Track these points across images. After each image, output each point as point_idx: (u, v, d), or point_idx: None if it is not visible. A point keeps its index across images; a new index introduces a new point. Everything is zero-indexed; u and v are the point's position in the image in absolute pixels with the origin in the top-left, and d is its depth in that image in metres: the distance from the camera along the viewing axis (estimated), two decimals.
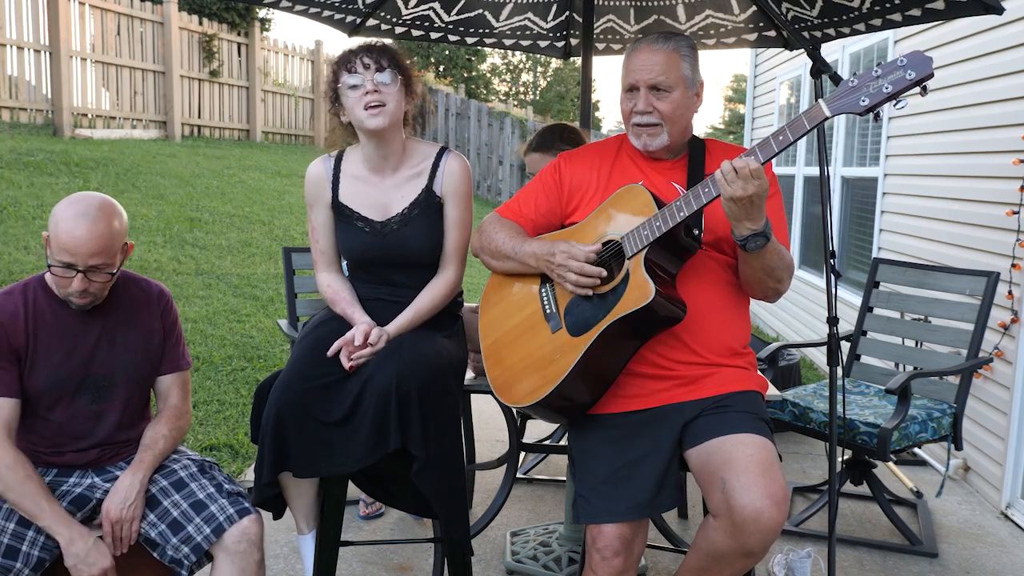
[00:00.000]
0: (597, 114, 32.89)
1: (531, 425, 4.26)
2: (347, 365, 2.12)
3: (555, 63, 28.51)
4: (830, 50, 5.79)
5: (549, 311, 2.08)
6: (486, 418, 4.46)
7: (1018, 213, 3.51)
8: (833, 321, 2.37)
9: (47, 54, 9.07)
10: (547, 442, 3.91)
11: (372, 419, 2.05)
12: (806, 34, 3.33)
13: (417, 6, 3.59)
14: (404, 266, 2.32)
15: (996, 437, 3.68)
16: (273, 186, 9.67)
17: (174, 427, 2.16)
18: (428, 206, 2.30)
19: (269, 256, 7.27)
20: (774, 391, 2.49)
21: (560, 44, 3.98)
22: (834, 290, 2.31)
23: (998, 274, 3.33)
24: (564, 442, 3.60)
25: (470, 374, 2.55)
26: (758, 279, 2.05)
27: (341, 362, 2.13)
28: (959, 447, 3.24)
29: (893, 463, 4.01)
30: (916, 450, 4.25)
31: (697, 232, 2.01)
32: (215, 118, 11.80)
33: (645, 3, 3.63)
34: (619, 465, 2.00)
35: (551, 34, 3.91)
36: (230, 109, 12.10)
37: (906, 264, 3.74)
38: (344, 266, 2.46)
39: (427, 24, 3.71)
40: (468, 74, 21.93)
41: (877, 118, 1.85)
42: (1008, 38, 3.70)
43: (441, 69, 20.66)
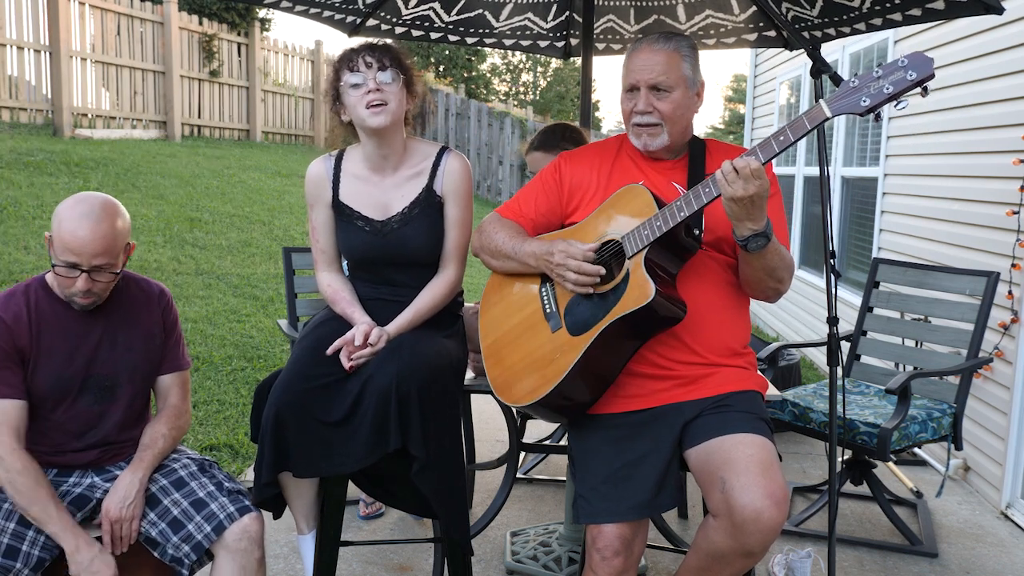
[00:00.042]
0: (597, 114, 32.89)
1: (531, 425, 4.26)
2: (347, 365, 2.12)
3: (555, 63, 28.52)
4: (830, 50, 5.79)
5: (549, 310, 2.08)
6: (486, 418, 4.46)
7: (1018, 213, 3.51)
8: (833, 321, 2.37)
9: (47, 54, 9.07)
10: (547, 442, 3.91)
11: (372, 419, 2.04)
12: (806, 34, 3.33)
13: (417, 6, 3.59)
14: (404, 265, 2.32)
15: (996, 437, 3.68)
16: (273, 186, 9.67)
17: (174, 426, 2.16)
18: (428, 205, 2.30)
19: (269, 256, 7.27)
20: (774, 391, 2.49)
21: (560, 44, 3.98)
22: (834, 290, 2.31)
23: (998, 274, 3.33)
24: (564, 442, 3.60)
25: (470, 374, 2.55)
26: (758, 279, 2.05)
27: (341, 362, 2.13)
28: (959, 447, 3.24)
29: (893, 463, 4.01)
30: (916, 450, 4.25)
31: (698, 232, 2.01)
32: (215, 118, 11.80)
33: (645, 3, 3.63)
34: (619, 465, 2.00)
35: (551, 34, 3.91)
36: (230, 109, 12.10)
37: (906, 264, 3.74)
38: (344, 266, 2.46)
39: (427, 24, 3.71)
40: (468, 74, 21.93)
41: (878, 119, 1.85)
42: (1008, 38, 3.70)
43: (441, 69, 20.67)
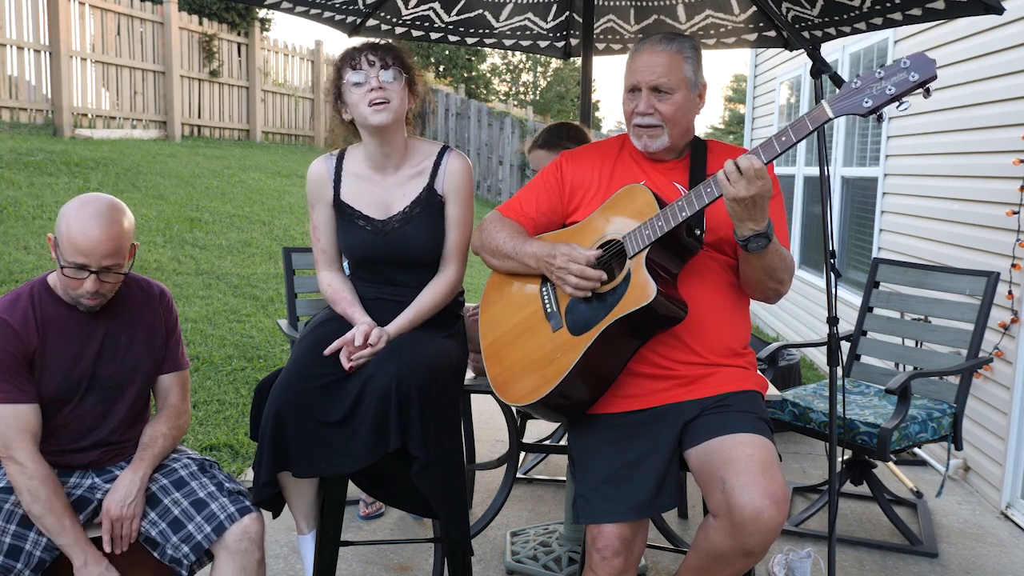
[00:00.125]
0: (597, 114, 32.89)
1: (531, 425, 4.26)
2: (347, 365, 2.11)
3: (555, 63, 28.52)
4: (830, 50, 5.79)
5: (550, 310, 2.08)
6: (486, 418, 4.46)
7: (1018, 213, 3.51)
8: (833, 321, 2.37)
9: (47, 54, 9.06)
10: (547, 442, 3.91)
11: (372, 419, 2.04)
12: (806, 34, 3.33)
13: (417, 6, 3.59)
14: (405, 265, 2.32)
15: (996, 437, 3.68)
16: (273, 186, 9.67)
17: (173, 426, 2.16)
18: (429, 205, 2.30)
19: (269, 256, 7.27)
20: (774, 391, 2.49)
21: (560, 44, 3.98)
22: (834, 290, 2.32)
23: (998, 274, 3.33)
24: (564, 442, 3.60)
25: (470, 374, 2.55)
26: (759, 279, 2.05)
27: (341, 362, 2.13)
28: (959, 447, 3.24)
29: (893, 463, 4.01)
30: (916, 450, 4.25)
31: (699, 232, 2.00)
32: (215, 118, 11.80)
33: (645, 3, 3.63)
34: (619, 465, 2.00)
35: (551, 34, 3.91)
36: (230, 109, 12.10)
37: (906, 264, 3.74)
38: (345, 265, 2.46)
39: (427, 24, 3.71)
40: (468, 74, 21.93)
41: (880, 120, 1.85)
42: (1008, 38, 3.70)
43: (441, 69, 20.67)
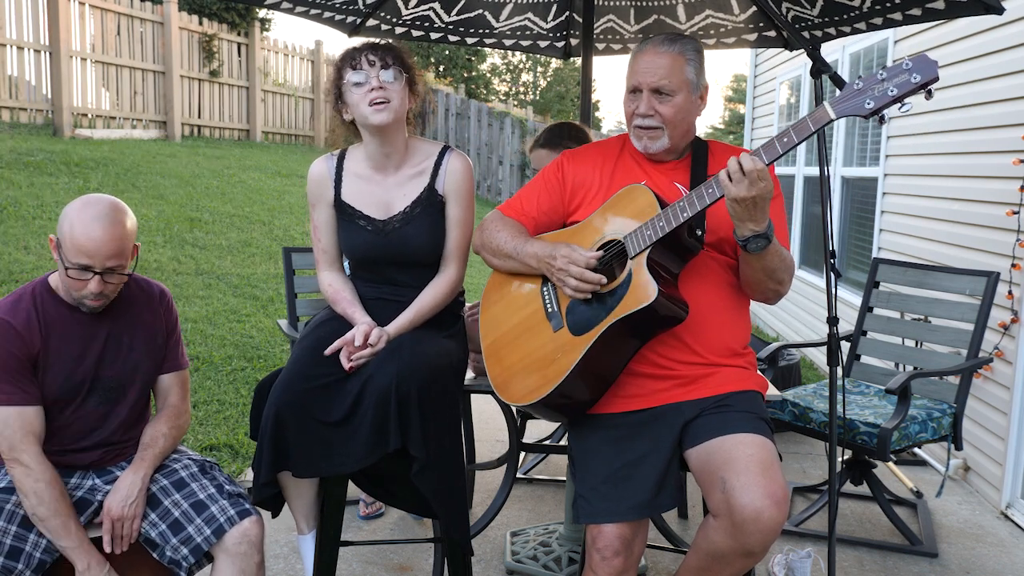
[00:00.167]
0: (597, 114, 32.88)
1: (531, 425, 4.26)
2: (347, 365, 2.11)
3: (555, 63, 28.52)
4: (830, 50, 5.78)
5: (551, 310, 2.08)
6: (486, 418, 4.46)
7: (1018, 213, 3.52)
8: (833, 321, 2.37)
9: (47, 54, 9.06)
10: (547, 442, 3.91)
11: (372, 419, 2.04)
12: (806, 34, 3.33)
13: (417, 6, 3.59)
14: (406, 265, 2.32)
15: (996, 437, 3.68)
16: (273, 186, 9.67)
17: (174, 426, 2.17)
18: (430, 205, 2.30)
19: (269, 256, 7.27)
20: (774, 391, 2.49)
21: (560, 44, 3.98)
22: (834, 290, 2.32)
23: (998, 274, 3.33)
24: (564, 442, 3.60)
25: (470, 374, 2.55)
26: (758, 280, 2.05)
27: (341, 362, 2.13)
28: (959, 447, 3.24)
29: (893, 463, 4.01)
30: (916, 450, 4.25)
31: (700, 233, 2.00)
32: (215, 118, 11.80)
33: (645, 3, 3.63)
34: (619, 465, 2.00)
35: (551, 34, 3.91)
36: (230, 109, 12.10)
37: (906, 264, 3.74)
38: (346, 265, 2.46)
39: (427, 24, 3.71)
40: (468, 74, 21.93)
41: (882, 121, 1.85)
42: (1008, 38, 3.70)
43: (441, 69, 20.66)
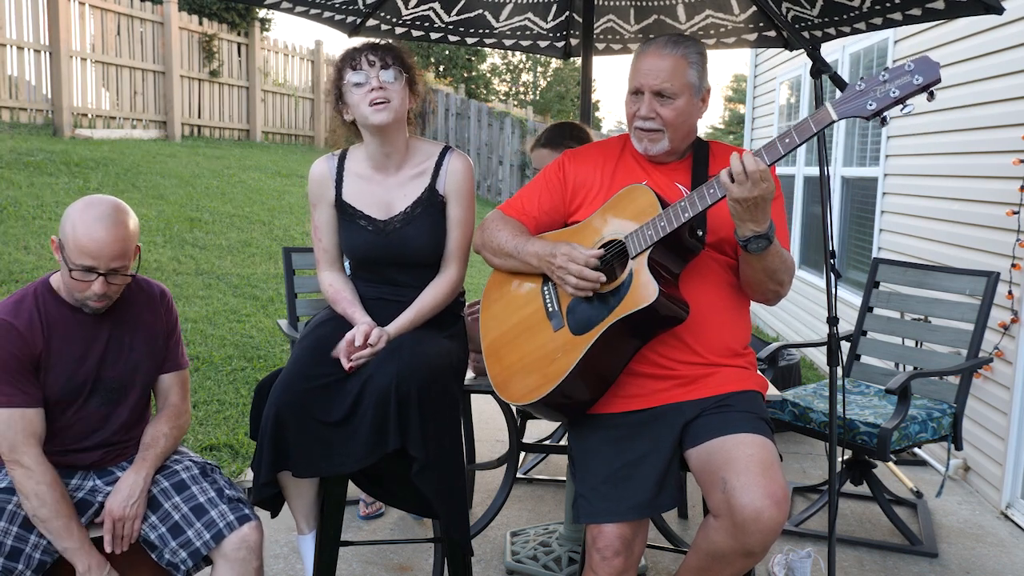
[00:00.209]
0: (597, 114, 32.88)
1: (531, 425, 4.26)
2: (347, 365, 2.11)
3: (555, 63, 28.52)
4: (830, 50, 5.79)
5: (551, 309, 2.08)
6: (486, 418, 4.46)
7: (1018, 213, 3.51)
8: (833, 321, 2.37)
9: (47, 54, 9.06)
10: (547, 442, 3.91)
11: (372, 419, 2.04)
12: (806, 34, 3.33)
13: (417, 6, 3.59)
14: (406, 265, 2.32)
15: (996, 437, 3.68)
16: (273, 186, 9.67)
17: (174, 426, 2.17)
18: (431, 205, 2.30)
19: (269, 256, 7.27)
20: (774, 391, 2.49)
21: (560, 44, 3.98)
22: (834, 290, 2.32)
23: (998, 274, 3.33)
24: (564, 442, 3.60)
25: (470, 374, 2.55)
26: (759, 280, 2.05)
27: (341, 362, 2.13)
28: (959, 447, 3.25)
29: (893, 463, 4.01)
30: (916, 450, 4.25)
31: (701, 233, 2.00)
32: (215, 118, 11.80)
33: (645, 3, 3.63)
34: (619, 465, 1.99)
35: (551, 34, 3.91)
36: (230, 109, 12.10)
37: (906, 264, 3.74)
38: (346, 265, 2.46)
39: (427, 24, 3.71)
40: (468, 74, 21.93)
41: (884, 122, 1.85)
42: (1008, 38, 3.70)
43: (441, 69, 20.66)
